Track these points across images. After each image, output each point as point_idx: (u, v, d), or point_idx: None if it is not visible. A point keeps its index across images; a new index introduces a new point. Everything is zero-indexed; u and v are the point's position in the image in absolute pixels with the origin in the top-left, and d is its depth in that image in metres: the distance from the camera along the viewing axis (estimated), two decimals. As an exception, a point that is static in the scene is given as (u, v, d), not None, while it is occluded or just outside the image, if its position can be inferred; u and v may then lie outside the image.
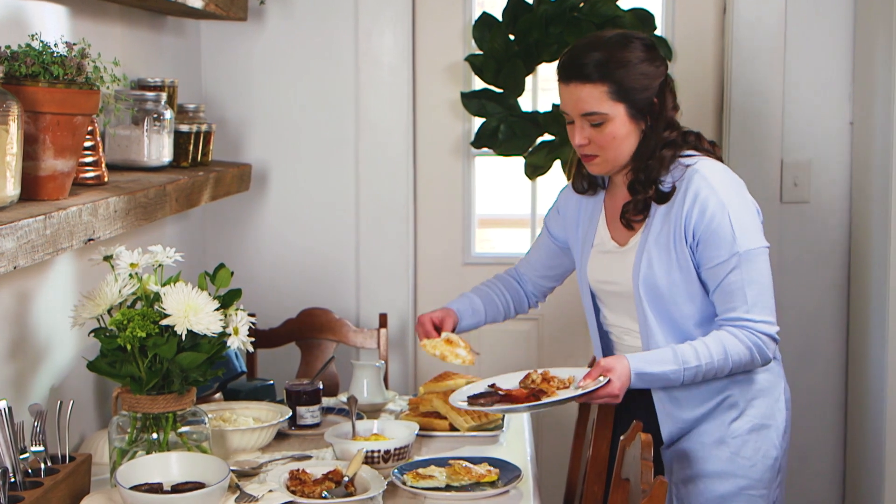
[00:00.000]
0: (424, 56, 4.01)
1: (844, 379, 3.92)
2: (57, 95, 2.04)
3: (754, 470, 2.59)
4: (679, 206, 2.53)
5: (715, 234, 2.49)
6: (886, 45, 3.47)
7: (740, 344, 2.49)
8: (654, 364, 2.49)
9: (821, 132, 3.85)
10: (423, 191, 4.06)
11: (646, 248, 2.57)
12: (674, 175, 2.57)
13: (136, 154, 2.84)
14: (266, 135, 3.97)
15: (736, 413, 2.60)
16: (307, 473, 2.41)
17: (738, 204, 2.53)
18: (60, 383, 2.63)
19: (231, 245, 4.00)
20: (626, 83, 2.52)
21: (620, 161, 2.59)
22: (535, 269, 3.00)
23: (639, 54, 2.54)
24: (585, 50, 2.55)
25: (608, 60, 2.51)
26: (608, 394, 2.46)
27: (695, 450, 2.60)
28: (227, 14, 3.46)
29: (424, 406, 2.97)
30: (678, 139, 2.59)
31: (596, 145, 2.56)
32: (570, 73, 2.55)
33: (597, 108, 2.53)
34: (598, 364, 2.50)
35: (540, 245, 2.99)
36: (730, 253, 2.48)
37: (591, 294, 2.77)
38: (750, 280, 2.49)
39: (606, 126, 2.54)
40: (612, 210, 2.72)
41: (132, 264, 2.37)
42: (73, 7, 2.69)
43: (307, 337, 3.79)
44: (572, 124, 2.60)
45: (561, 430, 3.98)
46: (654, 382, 2.52)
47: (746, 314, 2.49)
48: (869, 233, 3.66)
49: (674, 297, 2.56)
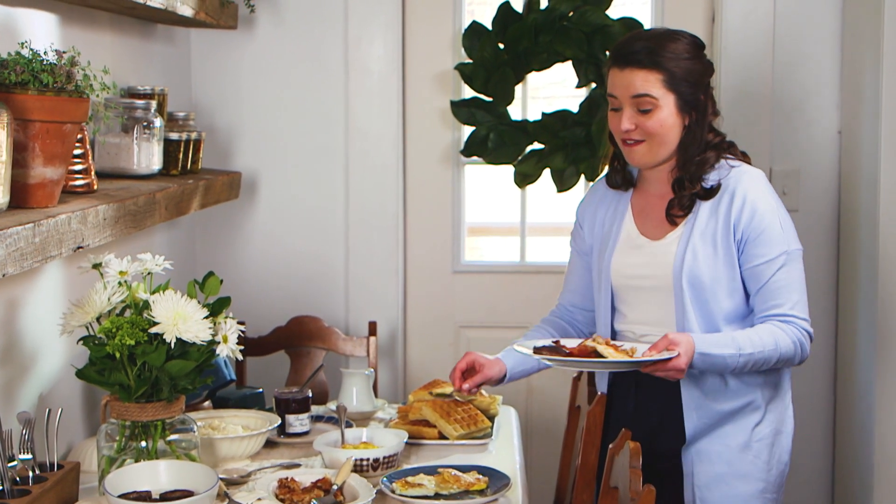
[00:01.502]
0: (414, 64, 4.02)
1: (833, 386, 3.93)
2: (46, 103, 2.03)
3: (772, 474, 2.68)
4: (728, 204, 2.61)
5: (765, 232, 2.58)
6: (874, 55, 3.48)
7: (788, 338, 2.58)
8: (717, 346, 2.53)
9: (809, 141, 3.87)
10: (412, 199, 4.07)
11: (690, 241, 2.62)
12: (720, 173, 2.65)
13: (125, 162, 2.84)
14: (256, 143, 3.97)
15: (758, 417, 2.66)
16: (296, 482, 2.40)
17: (782, 207, 2.64)
18: (49, 391, 2.63)
19: (221, 253, 3.99)
20: (679, 74, 2.59)
21: (663, 152, 2.64)
22: (578, 294, 2.92)
23: (691, 50, 2.62)
24: (645, 38, 2.62)
25: (665, 50, 2.59)
26: (675, 367, 2.47)
27: (720, 452, 2.66)
28: (218, 22, 3.47)
29: (414, 414, 2.97)
30: (721, 142, 2.68)
31: (642, 131, 2.61)
32: (628, 58, 2.60)
33: (650, 90, 2.58)
34: (666, 336, 2.49)
35: (573, 270, 2.93)
36: (779, 251, 2.58)
37: (612, 294, 2.77)
38: (795, 279, 2.61)
39: (655, 113, 2.59)
40: (640, 206, 2.75)
41: (121, 272, 2.37)
42: (62, 15, 2.69)
43: (297, 345, 3.79)
44: (617, 111, 2.63)
45: (550, 437, 3.98)
46: (713, 365, 2.55)
47: (791, 310, 2.59)
48: (857, 241, 3.67)
49: (714, 291, 2.61)
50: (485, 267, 4.16)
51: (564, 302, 2.95)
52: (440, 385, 3.04)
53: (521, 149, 3.86)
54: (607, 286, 2.76)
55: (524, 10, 3.80)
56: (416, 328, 4.10)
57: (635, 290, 2.72)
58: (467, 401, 3.00)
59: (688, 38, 2.64)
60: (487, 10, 3.98)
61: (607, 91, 2.66)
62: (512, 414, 3.18)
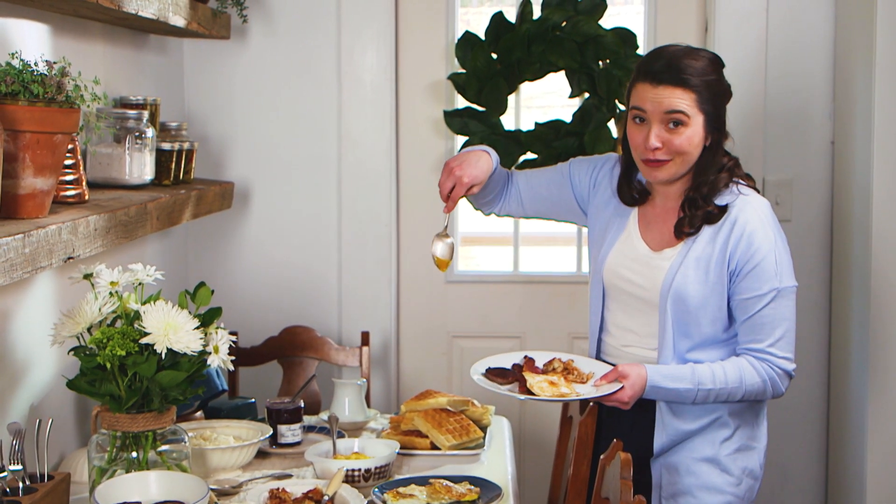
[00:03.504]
0: (407, 74, 4.02)
1: (826, 396, 3.93)
2: (37, 114, 2.04)
3: (740, 488, 2.67)
4: (727, 232, 2.59)
5: (759, 266, 2.57)
6: (866, 65, 3.49)
7: (756, 375, 2.58)
8: (671, 380, 2.56)
9: (802, 151, 3.87)
10: (405, 208, 4.07)
11: (684, 263, 2.61)
12: (729, 198, 2.63)
13: (117, 172, 2.84)
14: (248, 153, 3.97)
15: (727, 432, 2.67)
16: (287, 492, 2.40)
17: (782, 243, 2.62)
18: (40, 402, 2.62)
19: (213, 263, 3.99)
20: (707, 95, 2.57)
21: (684, 170, 2.63)
22: (530, 187, 2.90)
23: (717, 71, 2.62)
24: (683, 57, 2.59)
25: (697, 71, 2.56)
26: (618, 399, 2.55)
27: (686, 465, 2.66)
28: (210, 32, 3.47)
29: (406, 424, 2.97)
30: (734, 166, 2.67)
31: (669, 149, 2.58)
32: (662, 76, 2.57)
33: (684, 108, 2.56)
34: (616, 368, 2.58)
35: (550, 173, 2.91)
36: (770, 287, 2.57)
37: (603, 289, 2.77)
38: (781, 317, 2.59)
39: (684, 130, 2.57)
40: (646, 214, 2.74)
41: (112, 283, 2.37)
42: (54, 25, 2.70)
43: (289, 355, 3.79)
44: (641, 124, 2.60)
45: (542, 448, 3.98)
46: (666, 397, 2.60)
47: (770, 348, 2.59)
48: (850, 252, 3.67)
49: (698, 316, 2.61)
50: (478, 277, 4.15)
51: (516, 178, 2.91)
52: (433, 395, 3.04)
53: (515, 158, 3.87)
54: (599, 280, 2.77)
55: (517, 21, 3.80)
56: (409, 338, 4.10)
57: (626, 295, 2.72)
58: (460, 411, 3.00)
59: (712, 57, 2.63)
60: (480, 20, 3.98)
61: (632, 104, 2.62)
62: (504, 424, 3.18)
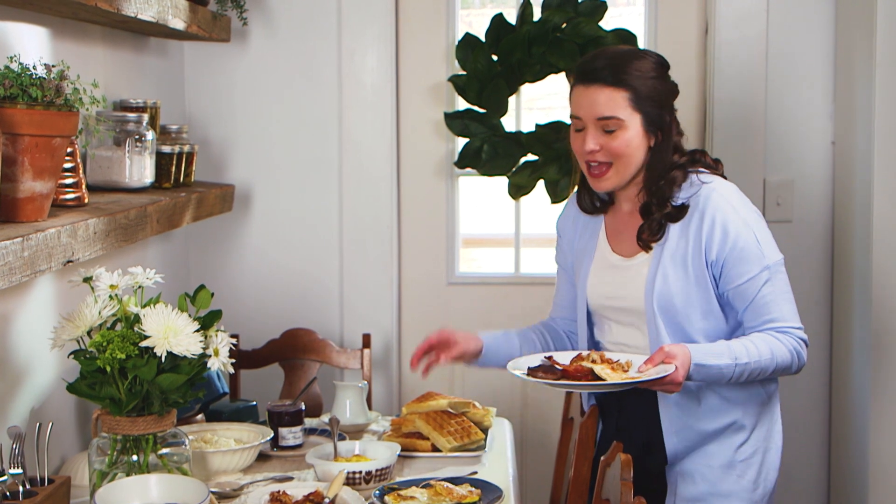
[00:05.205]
0: (408, 76, 4.02)
1: (828, 396, 3.92)
2: (35, 117, 2.03)
3: (757, 493, 2.64)
4: (698, 224, 2.56)
5: (743, 251, 2.53)
6: (867, 65, 3.48)
7: (784, 347, 2.55)
8: (713, 357, 2.49)
9: (803, 152, 3.87)
10: (406, 211, 4.07)
11: (661, 264, 2.58)
12: (689, 191, 2.60)
13: (117, 175, 2.84)
14: (249, 155, 3.97)
15: (743, 437, 2.63)
16: (288, 495, 2.40)
17: (757, 220, 2.59)
18: (40, 405, 2.62)
19: (214, 266, 3.99)
20: (644, 93, 2.54)
21: (628, 174, 2.59)
22: (567, 308, 2.89)
23: (657, 69, 2.59)
24: (609, 56, 2.58)
25: (630, 68, 2.54)
26: (672, 381, 2.43)
27: (702, 472, 2.62)
28: (210, 35, 3.47)
29: (407, 426, 2.96)
30: (687, 162, 2.63)
31: (607, 152, 2.56)
32: (593, 75, 2.55)
33: (616, 112, 2.54)
34: (662, 349, 2.46)
35: (559, 286, 2.91)
36: (760, 267, 2.54)
37: (588, 313, 2.75)
38: (780, 290, 2.57)
39: (621, 133, 2.54)
40: (613, 223, 2.72)
41: (112, 286, 2.37)
42: (53, 29, 2.70)
43: (290, 357, 3.79)
44: (580, 132, 2.59)
45: (543, 450, 3.98)
46: (709, 376, 2.51)
47: (785, 322, 2.56)
48: (851, 252, 3.67)
49: (688, 314, 2.57)
50: (479, 278, 4.15)
51: (556, 316, 2.92)
52: (434, 398, 3.04)
53: (515, 160, 3.87)
54: (583, 305, 2.75)
55: (517, 22, 3.80)
56: (410, 340, 4.09)
57: (614, 311, 2.69)
58: (461, 413, 3.00)
59: (653, 56, 2.61)
60: (481, 22, 3.98)
61: (571, 112, 2.61)
62: (506, 426, 3.18)
